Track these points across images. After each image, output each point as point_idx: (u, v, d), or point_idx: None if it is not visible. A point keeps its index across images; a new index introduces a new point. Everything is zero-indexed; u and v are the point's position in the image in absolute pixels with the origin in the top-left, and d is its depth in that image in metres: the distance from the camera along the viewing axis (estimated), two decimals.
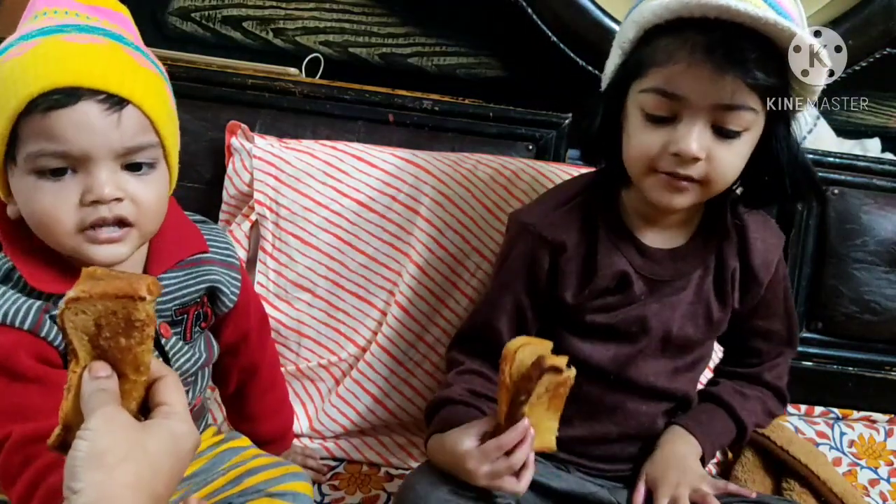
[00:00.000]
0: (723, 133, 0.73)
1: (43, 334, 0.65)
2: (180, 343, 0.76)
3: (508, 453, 0.70)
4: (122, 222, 0.66)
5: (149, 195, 0.67)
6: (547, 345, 0.70)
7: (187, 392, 0.78)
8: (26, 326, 0.65)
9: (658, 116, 0.74)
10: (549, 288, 0.85)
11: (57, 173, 0.64)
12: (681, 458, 0.83)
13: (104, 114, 0.63)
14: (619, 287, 0.83)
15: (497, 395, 0.71)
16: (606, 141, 0.81)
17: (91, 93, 0.63)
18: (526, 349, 0.68)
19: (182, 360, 0.76)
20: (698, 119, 0.73)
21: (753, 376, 0.92)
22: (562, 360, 0.67)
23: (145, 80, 0.67)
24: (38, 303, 0.66)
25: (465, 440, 0.73)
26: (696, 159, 0.73)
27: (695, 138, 0.73)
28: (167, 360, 0.74)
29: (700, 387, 0.96)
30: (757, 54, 0.70)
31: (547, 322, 0.87)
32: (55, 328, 0.65)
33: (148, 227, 0.69)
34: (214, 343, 0.82)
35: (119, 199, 0.65)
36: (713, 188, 0.76)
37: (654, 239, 0.84)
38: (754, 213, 0.87)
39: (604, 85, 0.83)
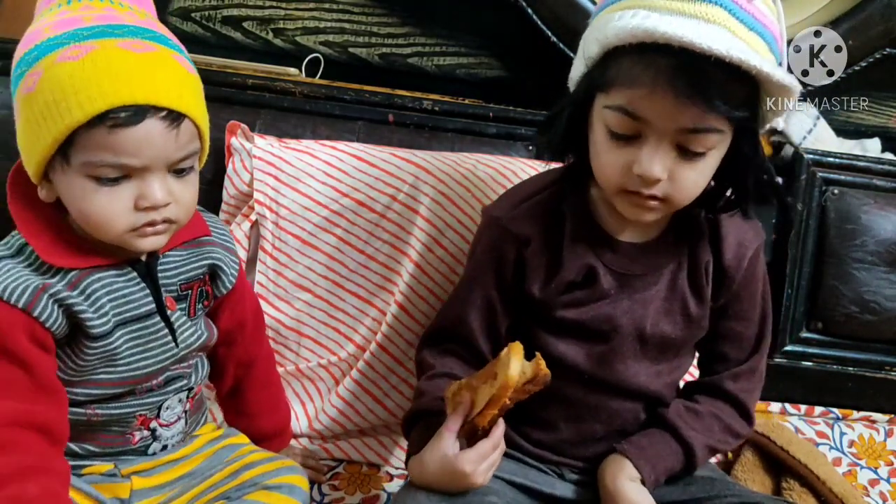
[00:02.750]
0: (687, 154, 0.72)
1: (36, 314, 0.67)
2: (185, 317, 0.79)
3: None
4: (167, 221, 0.71)
5: (189, 195, 0.73)
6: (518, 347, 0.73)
7: (187, 379, 0.81)
8: (21, 304, 0.67)
9: (622, 135, 0.73)
10: (516, 282, 0.84)
11: (114, 181, 0.68)
12: (614, 493, 0.80)
13: (166, 130, 0.67)
14: (586, 281, 0.83)
15: (475, 393, 0.74)
16: (573, 141, 0.80)
17: (155, 110, 0.66)
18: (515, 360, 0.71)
19: (186, 333, 0.78)
20: (662, 141, 0.71)
21: (715, 386, 0.88)
22: (541, 366, 0.71)
23: (195, 88, 0.71)
24: (37, 282, 0.68)
25: (448, 447, 0.74)
26: (659, 180, 0.72)
27: (658, 161, 0.71)
28: (173, 333, 0.77)
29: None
30: (722, 81, 0.67)
31: (519, 319, 0.86)
32: (49, 308, 0.68)
33: (185, 220, 0.74)
34: (213, 325, 0.85)
35: (167, 204, 0.70)
36: (677, 205, 0.76)
37: (625, 233, 0.83)
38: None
39: (570, 86, 0.81)
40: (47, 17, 0.69)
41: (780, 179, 1.19)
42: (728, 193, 0.81)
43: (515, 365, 0.70)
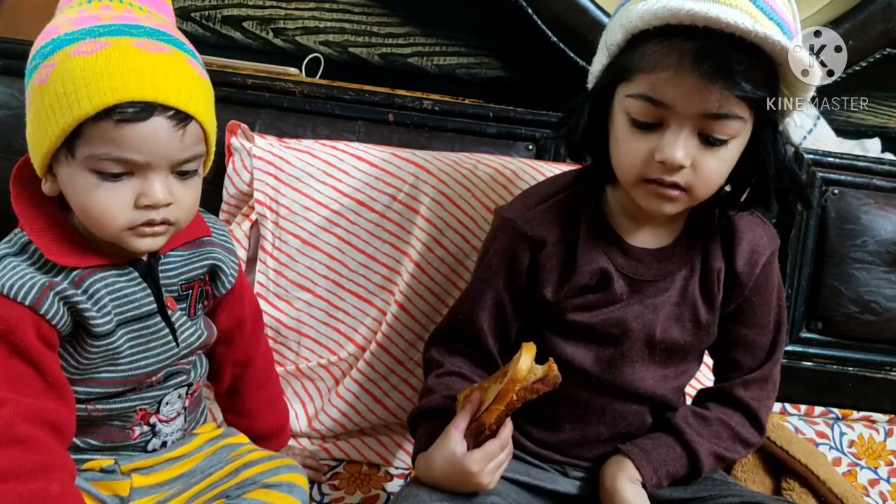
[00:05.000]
0: (709, 141, 0.72)
1: (42, 311, 0.68)
2: (185, 317, 0.79)
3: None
4: (166, 222, 0.71)
5: (190, 198, 0.73)
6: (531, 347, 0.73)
7: (187, 374, 0.81)
8: (27, 302, 0.67)
9: (644, 123, 0.73)
10: (529, 284, 0.84)
11: (116, 176, 0.68)
12: (612, 493, 0.80)
13: (172, 130, 0.68)
14: (600, 285, 0.83)
15: (484, 393, 0.74)
16: (592, 139, 0.80)
17: (163, 108, 0.67)
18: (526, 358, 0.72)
19: (187, 333, 0.79)
20: (685, 127, 0.72)
21: (726, 393, 0.88)
22: (553, 367, 0.72)
23: (205, 92, 0.72)
24: (43, 279, 0.69)
25: (456, 446, 0.74)
26: (682, 167, 0.73)
27: (680, 146, 0.72)
28: (174, 333, 0.77)
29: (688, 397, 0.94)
30: (745, 65, 0.68)
31: (529, 321, 0.86)
32: (56, 306, 0.68)
33: (185, 223, 0.74)
34: (213, 324, 0.85)
35: (168, 204, 0.70)
36: (699, 195, 0.76)
37: (639, 238, 0.83)
38: (748, 215, 0.85)
39: (590, 83, 0.82)
40: (67, 14, 0.70)
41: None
42: (747, 191, 0.81)
43: (525, 360, 0.71)
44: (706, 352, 0.92)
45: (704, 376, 1.01)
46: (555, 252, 0.83)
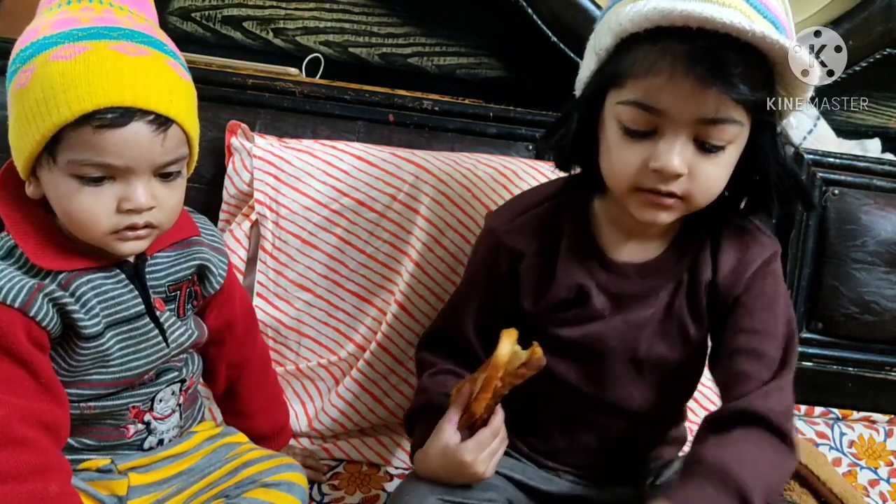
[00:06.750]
0: (706, 147, 0.69)
1: (32, 314, 0.68)
2: (174, 318, 0.79)
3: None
4: (149, 225, 0.71)
5: (173, 200, 0.73)
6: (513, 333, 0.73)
7: (178, 371, 0.81)
8: (17, 305, 0.67)
9: (637, 130, 0.70)
10: (511, 294, 0.83)
11: (97, 181, 0.68)
12: None
13: (152, 134, 0.67)
14: (578, 300, 0.80)
15: (474, 384, 0.75)
16: (581, 148, 0.77)
17: (143, 113, 0.66)
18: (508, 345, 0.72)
19: (177, 333, 0.78)
20: (680, 134, 0.68)
21: (744, 412, 0.71)
22: (537, 350, 0.71)
23: (186, 95, 0.71)
24: (32, 282, 0.68)
25: (450, 438, 0.74)
26: (679, 175, 0.69)
27: (676, 154, 0.68)
28: (163, 333, 0.77)
29: (696, 416, 0.92)
30: (742, 66, 0.65)
31: (517, 327, 0.85)
32: (45, 308, 0.68)
33: (168, 225, 0.74)
34: (203, 324, 0.85)
35: (151, 208, 0.70)
36: (697, 202, 0.72)
37: (624, 252, 0.80)
38: (744, 224, 0.80)
39: (578, 90, 0.78)
40: (47, 17, 0.69)
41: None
42: (747, 197, 0.78)
43: (506, 345, 0.71)
44: (712, 377, 0.83)
45: (713, 392, 1.00)
46: (533, 265, 0.81)
